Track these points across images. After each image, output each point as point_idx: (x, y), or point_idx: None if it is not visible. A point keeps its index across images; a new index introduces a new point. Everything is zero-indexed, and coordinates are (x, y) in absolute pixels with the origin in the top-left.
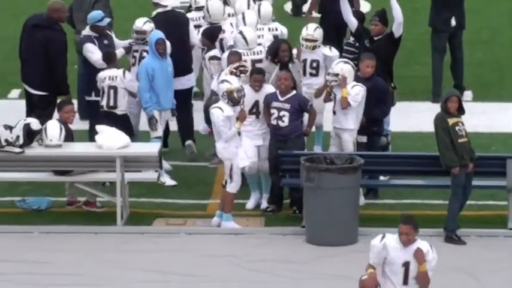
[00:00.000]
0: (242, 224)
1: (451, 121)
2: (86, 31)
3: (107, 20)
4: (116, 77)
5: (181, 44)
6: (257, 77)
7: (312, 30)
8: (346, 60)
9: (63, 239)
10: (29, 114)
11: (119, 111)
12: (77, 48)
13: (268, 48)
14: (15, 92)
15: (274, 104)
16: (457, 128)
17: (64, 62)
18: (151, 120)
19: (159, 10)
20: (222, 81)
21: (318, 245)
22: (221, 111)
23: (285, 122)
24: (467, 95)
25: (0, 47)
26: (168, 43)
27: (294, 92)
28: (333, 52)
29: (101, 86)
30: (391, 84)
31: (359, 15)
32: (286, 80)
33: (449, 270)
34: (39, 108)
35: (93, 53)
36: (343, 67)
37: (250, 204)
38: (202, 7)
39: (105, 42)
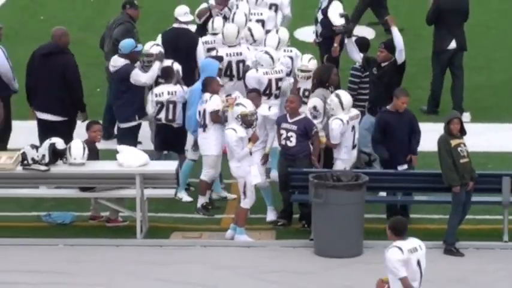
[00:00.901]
0: (254, 237)
1: (453, 142)
2: (121, 61)
3: (141, 46)
4: (175, 92)
5: (185, 61)
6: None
7: (307, 61)
8: (338, 93)
9: (86, 251)
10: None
11: (175, 124)
12: (107, 76)
13: (319, 75)
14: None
15: (283, 125)
16: (459, 149)
17: (80, 81)
18: (197, 143)
19: (175, 25)
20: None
21: (325, 256)
22: (234, 132)
23: (293, 142)
24: (466, 116)
25: (24, 71)
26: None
27: (304, 115)
28: None
29: (158, 101)
30: None
31: (364, 43)
32: (292, 103)
33: (448, 281)
34: (61, 133)
35: (142, 75)
36: (333, 99)
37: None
38: (217, 34)
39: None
